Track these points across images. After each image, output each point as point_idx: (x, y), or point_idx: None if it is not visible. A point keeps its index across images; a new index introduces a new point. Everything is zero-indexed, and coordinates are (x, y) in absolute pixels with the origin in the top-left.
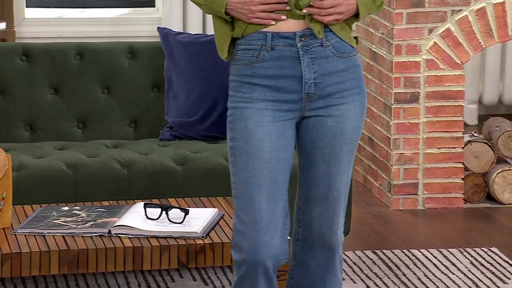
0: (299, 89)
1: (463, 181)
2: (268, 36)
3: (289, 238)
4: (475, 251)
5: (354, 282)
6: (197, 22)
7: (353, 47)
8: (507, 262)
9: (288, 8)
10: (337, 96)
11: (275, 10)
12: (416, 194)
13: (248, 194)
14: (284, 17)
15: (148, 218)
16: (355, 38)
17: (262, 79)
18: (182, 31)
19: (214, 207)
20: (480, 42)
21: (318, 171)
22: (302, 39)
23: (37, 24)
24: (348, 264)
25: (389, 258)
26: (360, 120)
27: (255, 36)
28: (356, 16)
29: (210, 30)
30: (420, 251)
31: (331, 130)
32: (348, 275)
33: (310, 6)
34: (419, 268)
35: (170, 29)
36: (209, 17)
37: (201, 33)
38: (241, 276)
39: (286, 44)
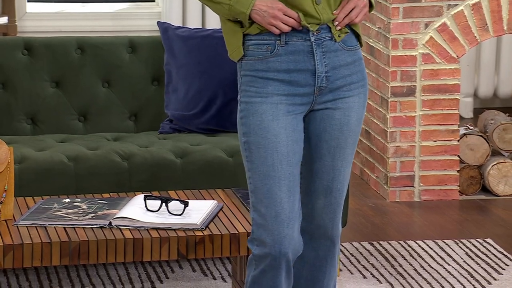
0: (312, 83)
1: (458, 174)
2: (283, 33)
3: None
4: (470, 242)
5: (351, 273)
6: (197, 17)
7: (358, 40)
8: (501, 253)
9: (299, 27)
10: (345, 89)
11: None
12: (412, 186)
13: (268, 188)
14: (299, 27)
15: (148, 210)
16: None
17: (277, 73)
18: (181, 26)
19: (213, 199)
20: (475, 36)
21: (323, 164)
22: (315, 33)
23: (39, 19)
24: (345, 255)
25: (386, 249)
26: (363, 112)
27: (270, 32)
28: (370, 5)
29: (209, 25)
30: (416, 242)
31: (338, 123)
32: (345, 266)
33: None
34: (415, 259)
35: (170, 24)
36: (208, 12)
37: (201, 27)
38: (262, 269)
39: (300, 38)
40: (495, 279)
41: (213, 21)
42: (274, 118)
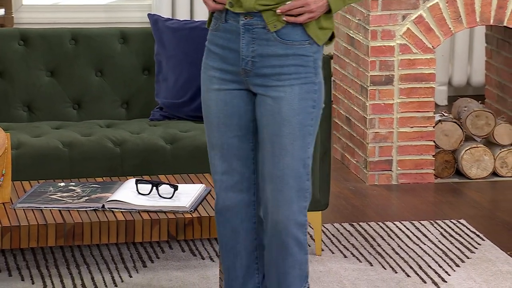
0: (238, 63)
1: (433, 158)
2: (225, 10)
3: None
4: (444, 223)
5: (333, 253)
6: (185, 9)
7: (309, 39)
8: (474, 233)
9: (221, 8)
10: (274, 78)
11: None
12: (390, 170)
13: (209, 154)
14: (222, 7)
15: (139, 193)
16: (332, 34)
17: (215, 47)
18: (171, 18)
19: (202, 183)
20: (450, 28)
21: (265, 150)
22: (246, 18)
23: (34, 11)
24: (326, 236)
25: (365, 230)
26: (300, 103)
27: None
28: (328, 11)
29: (198, 17)
30: (393, 223)
31: (270, 110)
32: (327, 246)
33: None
34: (393, 239)
35: (160, 16)
36: (197, 4)
37: (189, 19)
38: (217, 226)
39: (234, 20)
40: (468, 258)
41: (201, 13)
42: (208, 90)
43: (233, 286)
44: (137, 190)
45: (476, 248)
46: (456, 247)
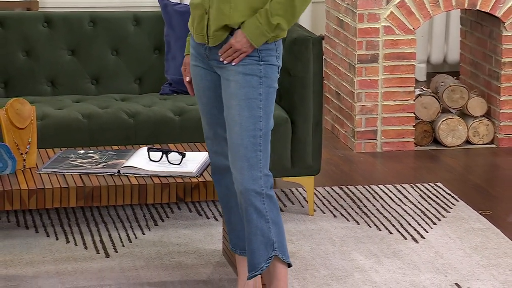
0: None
1: (414, 128)
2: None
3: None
4: (423, 186)
5: (324, 213)
6: None
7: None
8: (449, 194)
9: None
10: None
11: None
12: (375, 139)
13: (201, 120)
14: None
15: (151, 160)
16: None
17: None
18: (179, 2)
19: (207, 151)
20: (429, 11)
21: (226, 123)
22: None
23: None
24: (318, 198)
25: (353, 193)
26: (244, 78)
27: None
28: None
29: None
30: (378, 187)
31: (224, 87)
32: (318, 207)
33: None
34: (377, 201)
35: (169, 1)
36: None
37: None
38: None
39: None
40: (444, 217)
41: None
42: (192, 65)
43: (231, 236)
44: (149, 157)
45: (451, 208)
46: (433, 207)
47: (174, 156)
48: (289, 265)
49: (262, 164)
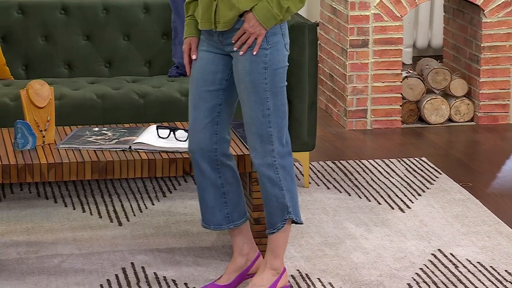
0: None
1: (401, 107)
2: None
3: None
4: (409, 160)
5: (318, 185)
6: None
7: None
8: (433, 168)
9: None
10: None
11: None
12: (366, 118)
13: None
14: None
15: (159, 137)
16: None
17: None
18: None
19: None
20: (415, 0)
21: (240, 100)
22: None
23: None
24: (313, 172)
25: (345, 167)
26: (250, 65)
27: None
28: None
29: None
30: (368, 161)
31: (235, 69)
32: (313, 180)
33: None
34: (367, 174)
35: None
36: None
37: None
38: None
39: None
40: (428, 188)
41: None
42: (199, 50)
43: (205, 215)
44: (158, 134)
45: (434, 181)
46: (418, 179)
47: (181, 133)
48: (301, 223)
49: (274, 138)
